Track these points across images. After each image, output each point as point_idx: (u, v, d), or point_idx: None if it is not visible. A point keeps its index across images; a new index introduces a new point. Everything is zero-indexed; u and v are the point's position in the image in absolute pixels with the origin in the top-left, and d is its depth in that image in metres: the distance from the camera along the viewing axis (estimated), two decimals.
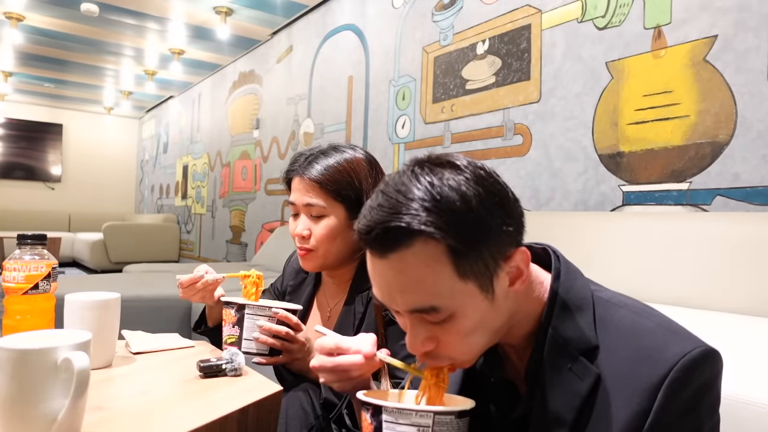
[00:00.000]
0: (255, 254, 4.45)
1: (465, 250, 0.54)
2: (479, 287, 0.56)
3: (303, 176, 1.06)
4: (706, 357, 0.54)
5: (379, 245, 0.56)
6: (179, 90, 7.14)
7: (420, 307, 0.56)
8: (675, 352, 0.54)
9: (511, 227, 0.57)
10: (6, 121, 8.08)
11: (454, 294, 0.56)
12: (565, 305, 0.62)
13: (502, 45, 2.64)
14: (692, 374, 0.53)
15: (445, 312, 0.56)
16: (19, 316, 0.89)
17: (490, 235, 0.56)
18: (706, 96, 1.84)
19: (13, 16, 4.60)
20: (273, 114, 4.88)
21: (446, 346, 0.59)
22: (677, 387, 0.53)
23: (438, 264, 0.54)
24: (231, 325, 0.99)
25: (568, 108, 2.31)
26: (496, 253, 0.57)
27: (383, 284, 0.58)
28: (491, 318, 0.59)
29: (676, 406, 0.53)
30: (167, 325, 2.41)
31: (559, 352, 0.60)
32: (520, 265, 0.59)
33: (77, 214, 8.44)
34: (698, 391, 0.54)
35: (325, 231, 1.04)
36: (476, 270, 0.55)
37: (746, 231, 1.55)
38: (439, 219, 0.53)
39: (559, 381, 0.59)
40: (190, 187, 6.78)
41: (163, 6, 4.39)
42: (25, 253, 0.91)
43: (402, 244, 0.54)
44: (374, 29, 3.61)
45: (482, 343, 0.61)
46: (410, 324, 0.59)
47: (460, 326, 0.57)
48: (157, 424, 0.69)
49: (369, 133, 3.60)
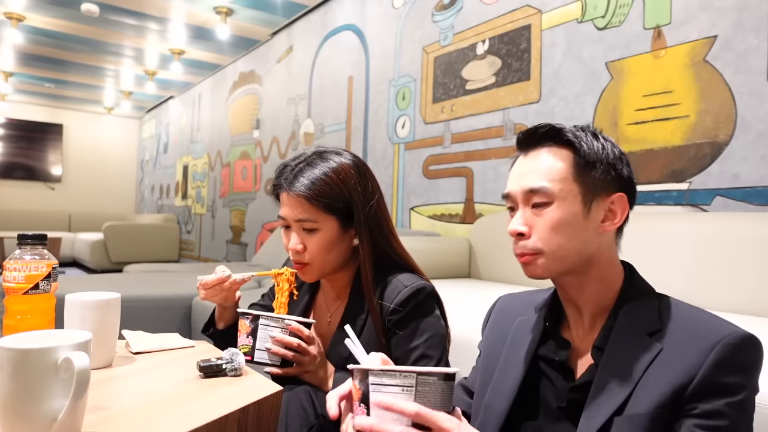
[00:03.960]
0: (255, 254, 4.45)
1: (586, 161, 0.72)
2: (582, 196, 0.71)
3: (290, 192, 1.02)
4: (753, 338, 0.64)
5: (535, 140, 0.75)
6: (179, 90, 7.14)
7: (534, 186, 0.72)
8: (728, 329, 0.64)
9: (623, 176, 0.73)
10: (6, 121, 8.08)
11: (563, 187, 0.71)
12: (636, 293, 0.73)
13: (502, 45, 2.65)
14: (739, 348, 0.63)
15: (548, 196, 0.71)
16: (20, 316, 0.89)
17: (605, 165, 0.72)
18: (706, 96, 1.84)
19: (13, 17, 4.61)
20: (273, 114, 4.88)
21: (537, 232, 0.71)
22: (725, 353, 0.62)
23: (564, 160, 0.72)
24: (245, 335, 1.00)
25: (568, 108, 2.31)
26: (604, 182, 0.72)
27: (516, 173, 0.76)
28: (581, 232, 0.71)
29: (721, 369, 0.62)
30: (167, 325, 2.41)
31: (629, 328, 0.70)
32: (617, 208, 0.73)
33: (77, 214, 8.45)
34: (742, 364, 0.63)
35: (319, 245, 1.02)
36: (586, 181, 0.71)
37: (746, 231, 1.55)
38: (579, 139, 0.73)
39: (626, 352, 0.68)
40: (191, 187, 6.78)
41: (163, 6, 4.39)
42: (26, 253, 0.91)
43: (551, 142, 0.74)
44: (374, 29, 3.61)
45: (568, 248, 0.71)
46: (520, 207, 0.74)
47: (553, 215, 0.71)
48: (157, 424, 0.69)
49: (369, 133, 3.60)
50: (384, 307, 1.03)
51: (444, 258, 2.51)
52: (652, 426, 0.62)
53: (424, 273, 1.10)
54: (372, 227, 1.05)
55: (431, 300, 1.05)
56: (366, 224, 1.04)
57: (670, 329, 0.68)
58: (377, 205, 1.08)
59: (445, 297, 1.12)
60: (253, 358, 0.98)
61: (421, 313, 1.03)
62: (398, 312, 1.02)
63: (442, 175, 2.97)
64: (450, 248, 2.55)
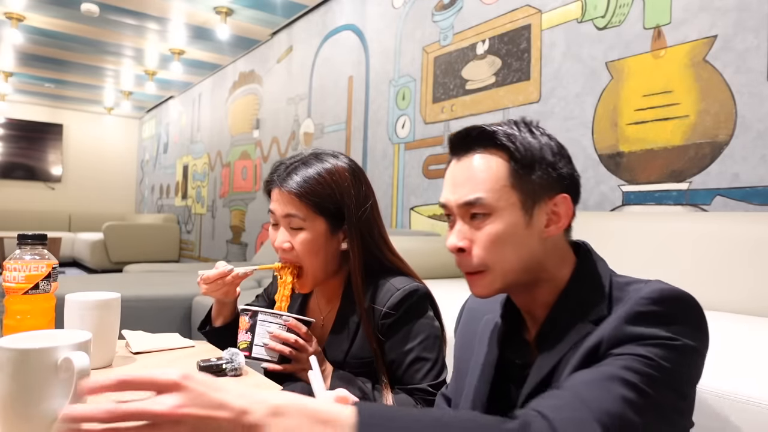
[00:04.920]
0: (255, 254, 4.45)
1: (522, 165, 0.67)
2: (522, 203, 0.67)
3: (282, 188, 1.02)
4: (673, 292, 0.61)
5: (464, 146, 0.71)
6: (179, 90, 7.14)
7: (469, 199, 0.68)
8: (650, 288, 0.62)
9: (564, 174, 0.69)
10: (6, 121, 8.08)
11: (501, 196, 0.67)
12: (584, 282, 0.69)
13: (502, 45, 2.65)
14: (654, 300, 0.60)
15: (487, 208, 0.67)
16: (20, 316, 0.89)
17: (544, 166, 0.68)
18: (706, 96, 1.84)
19: (13, 17, 4.61)
20: (273, 114, 4.88)
21: (479, 248, 0.68)
22: (637, 306, 0.60)
23: (499, 166, 0.68)
24: (244, 331, 1.00)
25: (567, 108, 2.31)
26: (544, 184, 0.68)
27: (449, 181, 0.72)
28: (525, 242, 0.68)
29: (631, 321, 0.59)
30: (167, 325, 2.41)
31: (571, 318, 0.67)
32: (561, 210, 0.69)
33: (77, 214, 8.44)
34: (656, 315, 0.59)
35: (305, 245, 1.02)
36: (525, 187, 0.67)
37: (746, 231, 1.55)
38: (514, 141, 0.68)
39: (564, 339, 0.66)
40: (191, 187, 6.78)
41: (163, 6, 4.39)
42: (26, 253, 0.91)
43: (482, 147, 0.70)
44: (374, 29, 3.61)
45: (513, 261, 0.68)
46: (458, 220, 0.70)
47: (493, 228, 0.67)
48: None
49: (369, 133, 3.60)
50: (376, 310, 1.03)
51: (444, 258, 2.51)
52: None
53: (418, 276, 1.10)
54: (363, 232, 1.05)
55: (424, 302, 1.05)
56: (357, 228, 1.03)
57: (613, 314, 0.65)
58: (370, 211, 1.06)
59: (445, 297, 1.12)
60: (251, 353, 0.98)
61: (415, 315, 1.03)
62: (391, 315, 1.01)
63: (443, 175, 2.96)
64: None
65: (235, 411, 0.45)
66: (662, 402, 0.55)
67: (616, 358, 0.57)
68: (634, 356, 0.56)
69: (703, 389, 0.92)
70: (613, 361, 0.57)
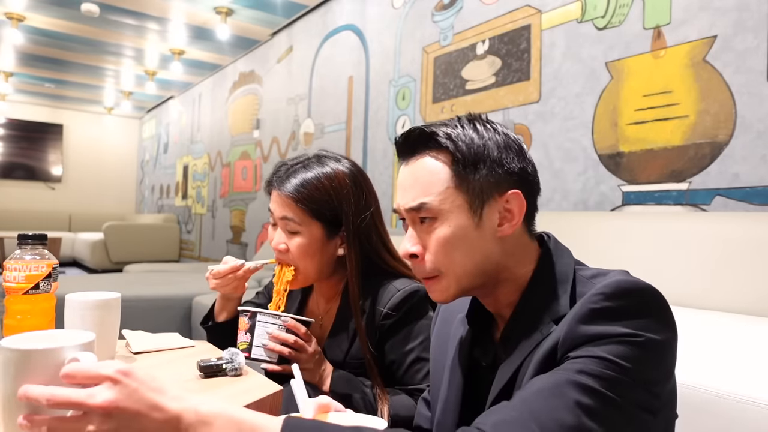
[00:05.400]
0: (255, 254, 4.45)
1: (464, 165, 0.64)
2: (469, 205, 0.64)
3: (280, 190, 1.02)
4: (628, 285, 0.57)
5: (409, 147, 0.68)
6: (179, 90, 7.14)
7: (414, 204, 0.65)
8: (604, 283, 0.58)
9: (513, 170, 0.66)
10: (6, 121, 8.08)
11: (445, 199, 0.64)
12: (546, 278, 0.66)
13: (502, 45, 2.65)
14: (607, 296, 0.56)
15: (432, 212, 0.64)
16: (20, 316, 0.89)
17: (489, 163, 0.65)
18: (706, 96, 1.84)
19: (13, 17, 4.61)
20: (273, 114, 4.88)
21: (430, 253, 0.66)
22: (588, 303, 0.57)
23: (443, 168, 0.65)
24: (244, 332, 1.00)
25: (567, 108, 2.31)
26: (492, 182, 0.65)
27: (399, 185, 0.69)
28: (477, 244, 0.65)
29: (582, 320, 0.56)
30: (167, 325, 2.41)
31: (533, 317, 0.64)
32: (513, 208, 0.65)
33: (78, 214, 8.45)
34: (611, 311, 0.56)
35: (300, 248, 1.02)
36: (470, 188, 0.64)
37: (746, 231, 1.55)
38: (455, 141, 0.65)
39: (526, 339, 0.63)
40: (191, 187, 6.78)
41: (163, 6, 4.39)
42: (26, 253, 0.91)
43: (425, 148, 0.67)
44: (374, 29, 3.61)
45: (467, 265, 0.65)
46: (409, 225, 0.68)
47: (441, 233, 0.64)
48: None
49: (369, 134, 3.60)
50: (377, 311, 1.03)
51: None
52: None
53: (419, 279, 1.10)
54: (361, 239, 1.04)
55: (425, 303, 1.05)
56: (355, 236, 1.03)
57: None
58: (371, 218, 1.06)
59: None
60: (251, 354, 0.98)
61: (415, 316, 1.03)
62: (392, 316, 1.01)
63: None
64: None
65: (168, 414, 0.47)
66: (626, 404, 0.52)
67: (572, 361, 0.54)
68: (591, 358, 0.53)
69: (702, 389, 0.92)
70: (569, 366, 0.53)
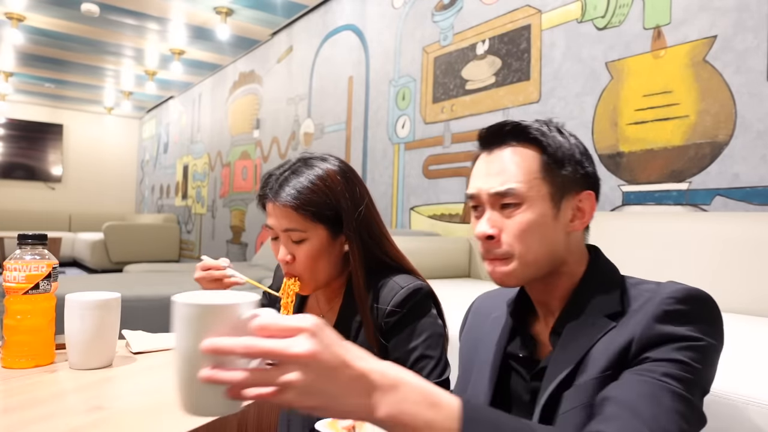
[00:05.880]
0: (255, 254, 4.45)
1: (553, 159, 0.71)
2: (551, 196, 0.70)
3: (276, 202, 1.01)
4: (696, 291, 0.63)
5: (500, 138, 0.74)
6: (179, 90, 7.14)
7: (501, 189, 0.70)
8: (672, 288, 0.64)
9: (590, 173, 0.73)
10: (6, 121, 8.08)
11: (532, 187, 0.70)
12: (597, 277, 0.73)
13: (502, 45, 2.65)
14: (679, 300, 0.62)
15: (518, 198, 0.69)
16: (20, 316, 0.89)
17: (573, 163, 0.72)
18: (706, 96, 1.84)
19: (13, 17, 4.61)
20: (273, 114, 4.88)
21: (508, 235, 0.70)
22: (665, 305, 0.62)
23: (532, 159, 0.71)
24: None
25: (567, 108, 2.31)
26: (572, 180, 0.72)
27: (481, 172, 0.74)
28: (551, 234, 0.70)
29: (661, 320, 0.61)
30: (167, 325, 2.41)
31: (586, 311, 0.70)
32: (585, 206, 0.73)
33: (78, 214, 8.45)
34: (685, 314, 0.62)
35: (308, 255, 1.01)
36: (554, 181, 0.70)
37: (746, 231, 1.55)
38: (546, 137, 0.72)
39: (582, 333, 0.68)
40: (191, 187, 6.78)
41: (163, 6, 4.39)
42: (26, 253, 0.91)
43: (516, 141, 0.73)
44: (374, 29, 3.61)
45: (539, 251, 0.70)
46: (487, 209, 0.72)
47: (524, 218, 0.69)
48: (157, 424, 0.69)
49: (369, 134, 3.60)
50: (380, 309, 1.02)
51: (444, 258, 2.51)
52: (600, 389, 0.62)
53: (420, 274, 1.10)
54: (362, 233, 1.04)
55: (428, 300, 1.05)
56: (356, 230, 1.03)
57: (630, 312, 0.67)
58: (366, 210, 1.06)
59: (445, 297, 1.12)
60: None
61: (419, 314, 1.03)
62: (396, 313, 1.01)
63: (442, 175, 2.97)
64: (450, 248, 2.55)
65: (356, 371, 0.48)
66: (698, 404, 0.59)
67: (655, 364, 0.59)
68: (671, 362, 0.59)
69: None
70: (654, 368, 0.59)
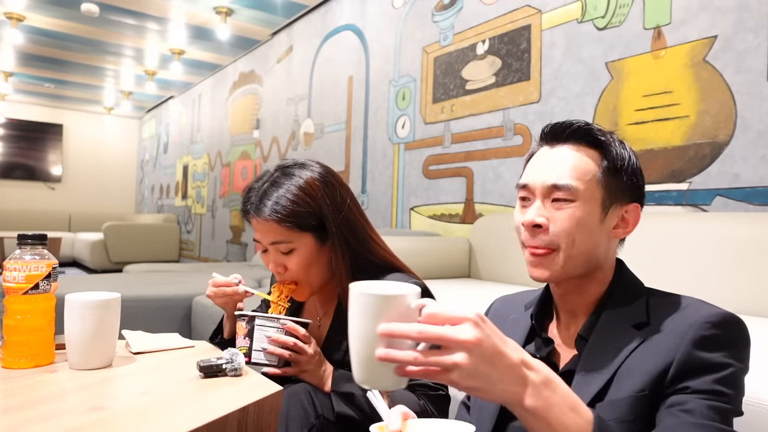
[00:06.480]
0: (255, 254, 4.45)
1: (613, 166, 0.74)
2: (602, 201, 0.73)
3: (259, 217, 1.01)
4: (732, 316, 0.65)
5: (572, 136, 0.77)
6: (179, 90, 7.14)
7: (559, 182, 0.72)
8: (707, 310, 0.66)
9: (640, 187, 0.77)
10: (6, 121, 8.08)
11: (588, 188, 0.72)
12: (623, 287, 0.75)
13: (502, 45, 2.65)
14: (717, 325, 0.64)
15: (573, 194, 0.72)
16: (20, 316, 0.89)
17: (629, 174, 0.75)
18: (706, 96, 1.84)
19: (13, 17, 4.61)
20: (273, 114, 4.88)
21: (556, 227, 0.72)
22: (703, 330, 0.63)
23: (593, 161, 0.74)
24: (243, 337, 1.00)
25: (568, 108, 2.31)
26: (624, 190, 0.75)
27: (539, 164, 0.76)
28: (595, 235, 0.72)
29: (700, 346, 0.62)
30: (167, 325, 2.41)
31: (614, 320, 0.71)
32: (630, 217, 0.76)
33: (77, 214, 8.45)
34: (722, 340, 0.63)
35: (299, 263, 1.02)
36: (609, 187, 0.73)
37: (746, 231, 1.55)
38: (610, 142, 0.77)
39: (609, 342, 0.69)
40: (191, 187, 6.78)
41: (163, 6, 4.39)
42: (26, 253, 0.91)
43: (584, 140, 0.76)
44: (374, 29, 3.61)
45: (581, 248, 0.72)
46: (538, 199, 0.74)
47: (574, 213, 0.71)
48: (157, 424, 0.69)
49: (369, 134, 3.60)
50: None
51: (444, 258, 2.51)
52: (633, 409, 0.63)
53: (413, 272, 1.10)
54: (347, 236, 1.04)
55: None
56: (340, 235, 1.03)
57: (655, 321, 0.68)
58: (349, 212, 1.05)
59: (445, 297, 1.12)
60: (251, 359, 0.98)
61: None
62: None
63: (442, 175, 2.97)
64: (450, 248, 2.55)
65: (512, 361, 0.51)
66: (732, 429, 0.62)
67: (700, 397, 0.61)
68: (713, 394, 0.61)
69: None
70: (700, 402, 0.60)
